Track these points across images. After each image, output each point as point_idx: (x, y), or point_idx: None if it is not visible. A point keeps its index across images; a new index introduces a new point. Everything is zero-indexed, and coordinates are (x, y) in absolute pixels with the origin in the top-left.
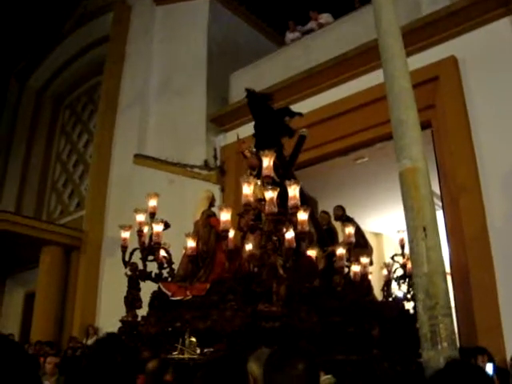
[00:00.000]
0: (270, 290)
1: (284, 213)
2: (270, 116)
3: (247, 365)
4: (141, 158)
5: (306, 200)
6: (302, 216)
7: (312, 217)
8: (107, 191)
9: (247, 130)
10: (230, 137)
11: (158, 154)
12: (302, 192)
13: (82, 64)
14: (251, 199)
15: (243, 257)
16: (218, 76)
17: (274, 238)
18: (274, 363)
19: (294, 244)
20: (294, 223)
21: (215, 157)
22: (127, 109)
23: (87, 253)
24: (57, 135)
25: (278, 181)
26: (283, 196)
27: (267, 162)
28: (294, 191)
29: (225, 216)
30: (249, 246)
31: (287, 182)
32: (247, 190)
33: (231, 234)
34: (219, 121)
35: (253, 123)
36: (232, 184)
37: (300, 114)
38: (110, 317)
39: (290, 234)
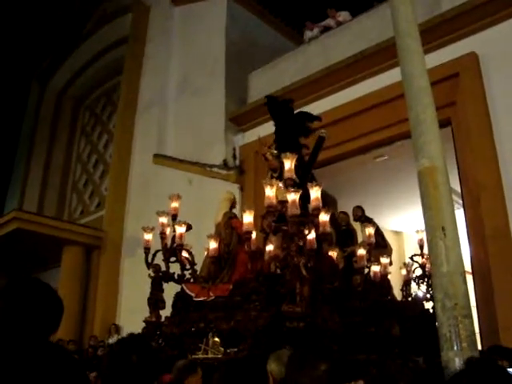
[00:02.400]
0: (293, 291)
1: (305, 214)
2: (290, 119)
3: (267, 364)
4: (160, 158)
5: (326, 200)
6: (324, 217)
7: (331, 217)
8: (127, 191)
9: (266, 129)
10: (249, 136)
11: (177, 153)
12: (321, 192)
13: (102, 65)
14: (274, 201)
15: (265, 258)
16: (237, 75)
17: (297, 240)
18: (296, 363)
19: (316, 245)
20: (315, 225)
21: (234, 156)
22: (146, 109)
23: (107, 252)
24: (77, 136)
25: (298, 182)
26: (304, 197)
27: (289, 164)
28: (316, 193)
29: (247, 218)
30: (270, 248)
31: (309, 184)
32: (270, 192)
33: (253, 235)
34: (238, 120)
35: (271, 123)
36: (251, 183)
37: (319, 119)
38: (130, 315)
39: (311, 235)
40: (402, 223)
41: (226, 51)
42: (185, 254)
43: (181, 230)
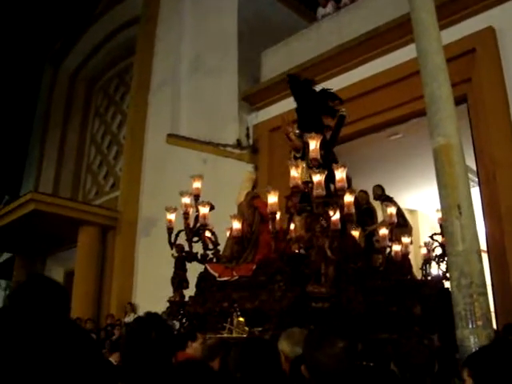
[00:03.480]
0: (318, 271)
1: (329, 194)
2: (312, 99)
3: (278, 343)
4: (174, 138)
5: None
6: (349, 198)
7: None
8: (141, 171)
9: (279, 108)
10: (262, 115)
11: (191, 133)
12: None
13: (114, 46)
14: (299, 182)
15: (290, 238)
16: (250, 54)
17: (322, 220)
18: (314, 342)
19: (340, 225)
20: (340, 205)
21: (248, 135)
22: (159, 89)
23: (123, 232)
24: (91, 117)
25: (321, 162)
26: (327, 177)
27: (314, 145)
28: (341, 174)
29: (272, 198)
30: (293, 227)
31: (334, 165)
32: (295, 172)
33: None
34: (251, 99)
35: (285, 101)
36: (265, 162)
37: (340, 100)
38: (146, 294)
39: (335, 216)
40: (417, 202)
41: (239, 30)
42: (208, 234)
43: (204, 210)
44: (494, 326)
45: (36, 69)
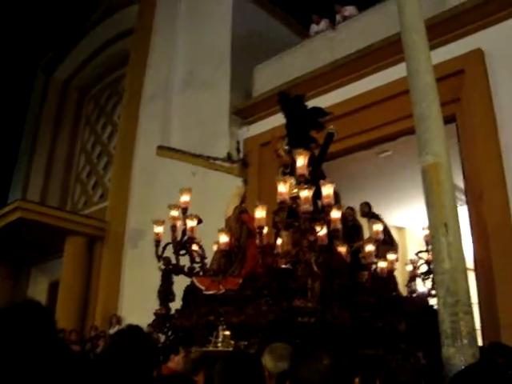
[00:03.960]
0: (304, 286)
1: (317, 210)
2: (302, 115)
3: (262, 358)
4: (164, 150)
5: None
6: (336, 214)
7: None
8: (130, 182)
9: (270, 123)
10: (253, 129)
11: (182, 146)
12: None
13: (107, 56)
14: (286, 197)
15: (277, 253)
16: (242, 68)
17: (309, 236)
18: (299, 357)
19: (326, 241)
20: (327, 221)
21: (238, 149)
22: (151, 101)
23: (110, 243)
24: (81, 126)
25: (309, 178)
26: (315, 193)
27: (302, 161)
28: (328, 190)
29: (260, 213)
30: (280, 242)
31: (322, 182)
32: (282, 188)
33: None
34: (242, 113)
35: (276, 116)
36: (255, 177)
37: (330, 114)
38: (131, 306)
39: (322, 231)
40: (405, 219)
41: (232, 44)
42: (195, 247)
43: (192, 223)
44: (481, 344)
45: (28, 77)
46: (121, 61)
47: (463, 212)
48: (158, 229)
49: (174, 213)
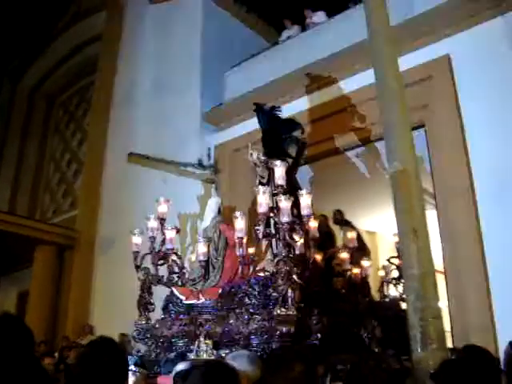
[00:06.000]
0: (285, 295)
1: (293, 220)
2: (277, 126)
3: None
4: (134, 157)
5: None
6: (313, 224)
7: None
8: (100, 190)
9: (241, 129)
10: (224, 135)
11: (152, 152)
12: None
13: (75, 63)
14: (266, 208)
15: (256, 263)
16: (213, 74)
17: (288, 246)
18: (272, 365)
19: (304, 250)
20: (305, 231)
21: (209, 155)
22: (121, 107)
23: (81, 252)
24: (50, 134)
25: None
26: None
27: (279, 171)
28: (307, 200)
29: (240, 223)
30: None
31: (300, 192)
32: (262, 199)
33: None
34: (213, 119)
35: (246, 122)
36: (226, 183)
37: (302, 129)
38: (103, 316)
39: (300, 240)
40: (376, 223)
41: (202, 50)
42: (173, 257)
43: (171, 234)
44: (451, 346)
45: None
46: (90, 67)
47: (433, 216)
48: (136, 239)
49: (153, 223)
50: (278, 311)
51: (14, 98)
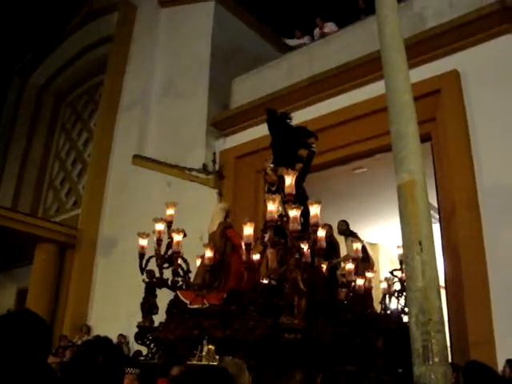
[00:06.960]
0: (291, 304)
1: (302, 229)
2: (288, 134)
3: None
4: (139, 159)
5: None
6: (321, 233)
7: None
8: (104, 190)
9: (247, 135)
10: (230, 141)
11: (157, 155)
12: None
13: (85, 63)
14: (275, 216)
15: (262, 270)
16: (221, 80)
17: (296, 254)
18: (271, 374)
19: (310, 259)
20: (313, 240)
21: (214, 161)
22: (128, 109)
23: (81, 251)
24: (56, 132)
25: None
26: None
27: (289, 180)
28: (315, 210)
29: (248, 230)
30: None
31: (309, 201)
32: (272, 206)
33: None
34: (219, 125)
35: (252, 129)
36: (230, 189)
37: (315, 137)
38: (101, 316)
39: (307, 249)
40: (378, 235)
41: (211, 55)
42: (179, 261)
43: (178, 237)
44: (450, 361)
45: (3, 81)
46: (99, 68)
47: (436, 230)
48: (143, 241)
49: (160, 226)
50: (285, 319)
51: (23, 95)
